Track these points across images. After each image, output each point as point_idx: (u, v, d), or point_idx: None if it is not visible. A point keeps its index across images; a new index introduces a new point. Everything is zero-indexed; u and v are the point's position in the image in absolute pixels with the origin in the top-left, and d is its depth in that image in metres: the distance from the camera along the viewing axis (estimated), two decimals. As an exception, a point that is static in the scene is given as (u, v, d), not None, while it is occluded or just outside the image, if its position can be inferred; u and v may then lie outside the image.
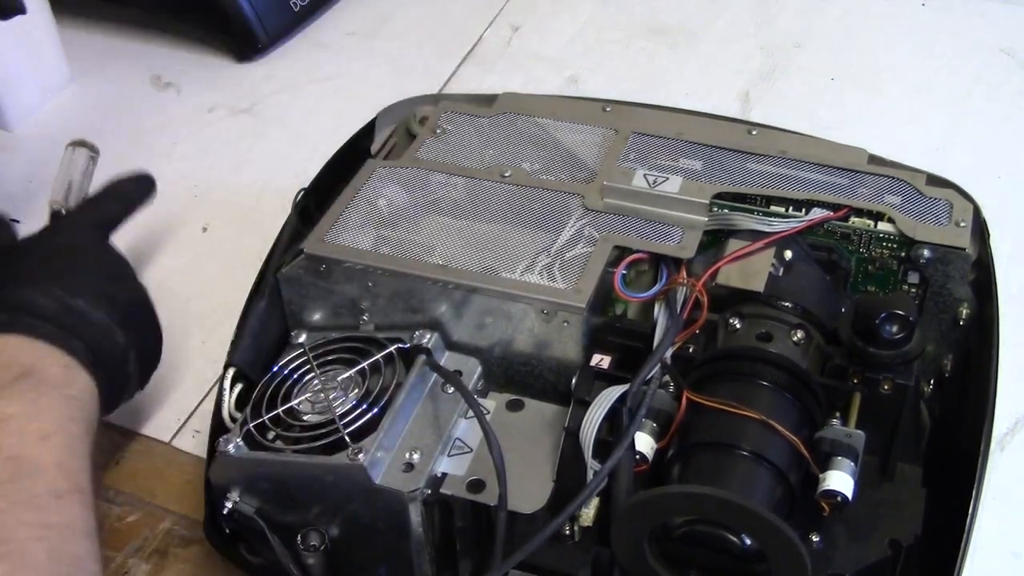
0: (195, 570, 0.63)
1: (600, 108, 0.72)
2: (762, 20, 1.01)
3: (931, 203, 0.62)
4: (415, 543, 0.55)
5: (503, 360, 0.61)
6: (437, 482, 0.55)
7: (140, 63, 1.02)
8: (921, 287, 0.62)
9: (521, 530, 0.53)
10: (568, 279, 0.59)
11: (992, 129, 0.88)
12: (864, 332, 0.55)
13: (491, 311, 0.60)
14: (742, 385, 0.55)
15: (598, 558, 0.54)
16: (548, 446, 0.57)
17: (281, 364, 0.61)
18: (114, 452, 0.70)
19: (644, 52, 0.98)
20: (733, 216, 0.62)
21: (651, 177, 0.65)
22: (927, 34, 0.98)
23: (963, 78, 0.93)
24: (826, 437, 0.53)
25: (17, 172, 0.92)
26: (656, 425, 0.55)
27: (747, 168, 0.65)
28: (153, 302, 0.65)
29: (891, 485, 0.57)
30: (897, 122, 0.89)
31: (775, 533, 0.48)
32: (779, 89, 0.93)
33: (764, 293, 0.58)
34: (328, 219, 0.64)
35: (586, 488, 0.52)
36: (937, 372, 0.62)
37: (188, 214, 0.86)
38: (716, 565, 0.50)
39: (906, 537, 0.54)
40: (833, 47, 0.97)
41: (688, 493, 0.50)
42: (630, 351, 0.58)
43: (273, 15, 1.01)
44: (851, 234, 0.62)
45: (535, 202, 0.65)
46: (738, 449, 0.52)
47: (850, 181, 0.64)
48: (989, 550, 0.60)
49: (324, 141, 0.78)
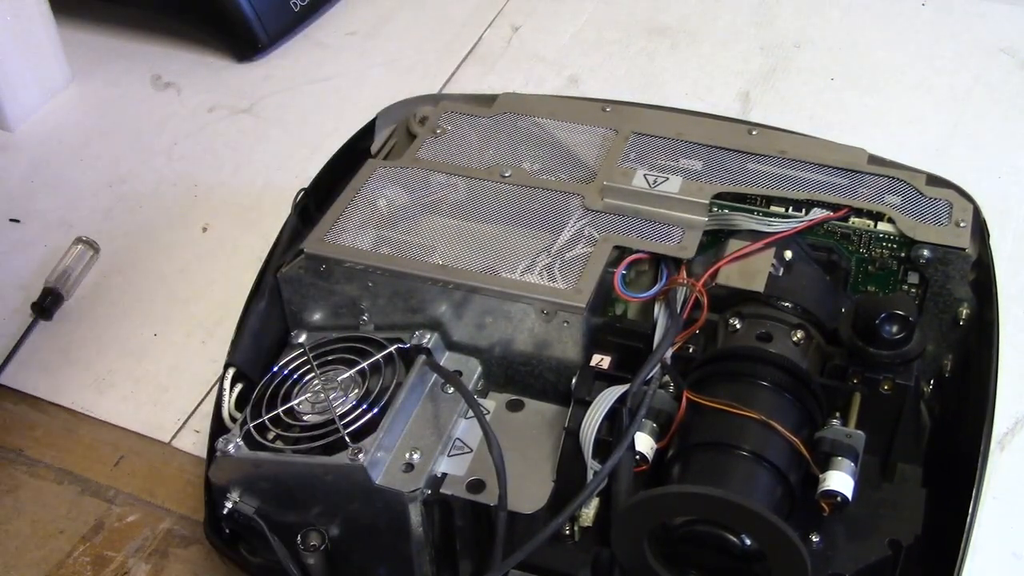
0: (195, 570, 0.63)
1: (600, 108, 0.71)
2: (762, 20, 1.01)
3: (931, 203, 0.62)
4: (415, 543, 0.55)
5: (503, 360, 0.61)
6: (437, 482, 0.55)
7: (140, 63, 1.02)
8: (921, 287, 0.62)
9: (521, 530, 0.53)
10: (568, 279, 0.59)
11: (992, 129, 0.88)
12: (864, 332, 0.55)
13: (491, 311, 0.60)
14: (742, 385, 0.55)
15: (598, 558, 0.54)
16: (548, 446, 0.57)
17: (281, 364, 0.61)
18: (114, 452, 0.70)
19: (644, 52, 0.98)
20: (733, 216, 0.62)
21: (651, 177, 0.65)
22: (927, 34, 0.98)
23: (963, 78, 0.93)
24: (826, 437, 0.53)
25: (17, 172, 0.92)
26: (656, 425, 0.55)
27: (747, 168, 0.65)
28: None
29: (891, 485, 0.57)
30: (897, 122, 0.89)
31: (775, 533, 0.48)
32: (779, 89, 0.93)
33: (764, 293, 0.58)
34: (328, 219, 0.64)
35: (586, 488, 0.52)
36: (937, 372, 0.62)
37: (188, 214, 0.86)
38: (716, 565, 0.50)
39: (906, 537, 0.54)
40: (833, 47, 0.97)
41: (688, 493, 0.50)
42: (630, 351, 0.58)
43: (273, 15, 1.01)
44: (851, 234, 0.62)
45: (535, 202, 0.65)
46: (738, 449, 0.52)
47: (850, 181, 0.64)
48: (989, 550, 0.60)
49: (324, 141, 0.78)
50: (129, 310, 0.80)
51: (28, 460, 0.71)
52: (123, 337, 0.78)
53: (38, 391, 0.75)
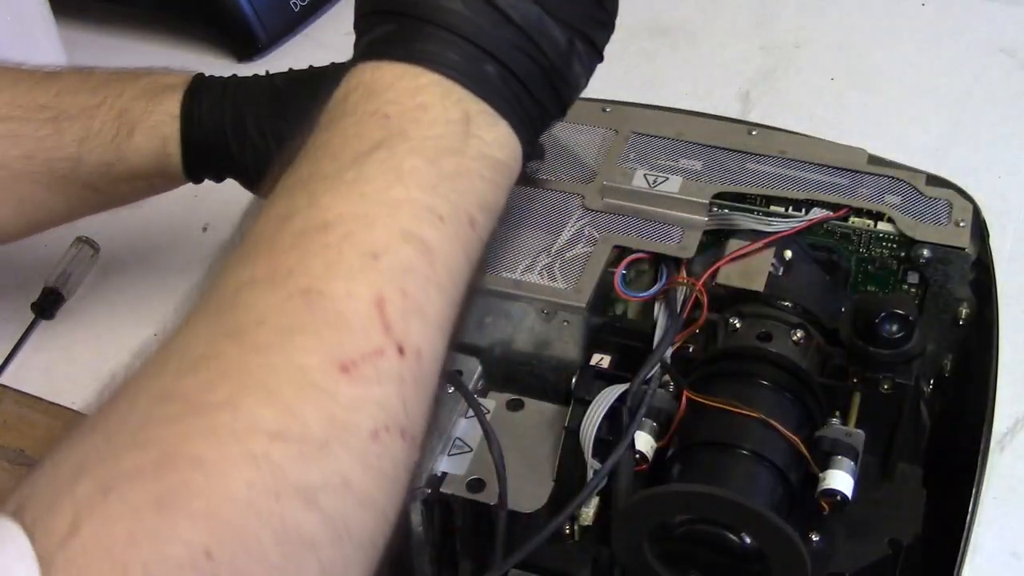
0: (195, 570, 0.63)
1: (600, 108, 0.71)
2: (762, 20, 1.01)
3: (931, 203, 0.62)
4: (415, 543, 0.55)
5: (503, 360, 0.61)
6: (437, 481, 0.55)
7: (140, 63, 1.01)
8: (921, 287, 0.62)
9: (521, 529, 0.53)
10: (568, 279, 0.59)
11: (992, 129, 0.88)
12: (864, 332, 0.55)
13: (491, 310, 0.60)
14: (742, 384, 0.55)
15: (598, 557, 0.54)
16: (548, 446, 0.57)
17: (281, 364, 0.61)
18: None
19: (644, 52, 0.98)
20: (733, 216, 0.62)
21: (651, 177, 0.65)
22: (927, 34, 0.98)
23: (963, 78, 0.93)
24: (826, 436, 0.53)
25: (17, 172, 0.92)
26: (656, 424, 0.55)
27: (747, 168, 0.65)
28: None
29: (891, 485, 0.57)
30: (897, 122, 0.89)
31: (775, 532, 0.48)
32: (779, 89, 0.93)
33: (764, 293, 0.58)
34: (328, 219, 0.64)
35: (586, 487, 0.52)
36: (937, 372, 0.62)
37: (188, 214, 0.86)
38: (716, 564, 0.50)
39: (906, 537, 0.54)
40: (833, 47, 0.97)
41: (688, 492, 0.50)
42: (630, 351, 0.58)
43: (273, 15, 1.01)
44: (851, 234, 0.62)
45: (535, 202, 0.65)
46: (738, 448, 0.52)
47: (850, 181, 0.64)
48: (989, 550, 0.60)
49: (324, 141, 0.78)
50: (129, 310, 0.79)
51: (28, 460, 0.71)
52: (123, 337, 0.78)
53: (38, 391, 0.75)
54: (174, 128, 0.65)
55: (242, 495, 0.34)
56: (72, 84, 0.65)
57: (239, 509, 0.34)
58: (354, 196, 0.40)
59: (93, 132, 0.63)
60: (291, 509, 0.35)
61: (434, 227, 0.41)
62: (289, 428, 0.36)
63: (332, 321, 0.38)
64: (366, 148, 0.41)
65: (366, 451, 0.37)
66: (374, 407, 0.37)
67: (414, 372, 0.39)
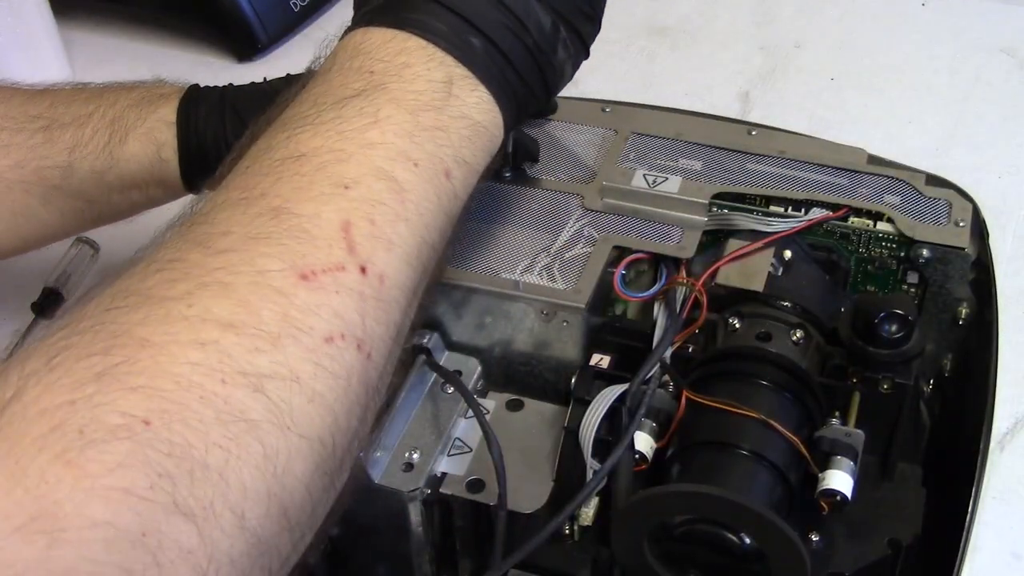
0: (194, 570, 0.63)
1: (600, 108, 0.71)
2: (762, 20, 1.01)
3: (930, 203, 0.62)
4: (415, 543, 0.55)
5: (503, 360, 0.61)
6: (437, 482, 0.55)
7: (140, 63, 1.02)
8: (921, 287, 0.62)
9: (521, 529, 0.53)
10: (568, 279, 0.59)
11: (992, 129, 0.88)
12: (864, 332, 0.55)
13: (491, 311, 0.60)
14: (742, 384, 0.55)
15: (598, 558, 0.54)
16: (548, 446, 0.57)
17: (281, 364, 0.61)
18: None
19: (644, 52, 0.98)
20: (733, 216, 0.62)
21: (651, 177, 0.65)
22: (927, 34, 0.98)
23: (963, 78, 0.93)
24: (825, 436, 0.53)
25: (17, 172, 0.92)
26: (655, 424, 0.55)
27: (747, 168, 0.65)
28: None
29: (891, 485, 0.57)
30: (897, 122, 0.89)
31: (774, 532, 0.48)
32: (779, 89, 0.93)
33: (764, 293, 0.58)
34: (328, 219, 0.64)
35: (586, 487, 0.52)
36: (937, 372, 0.62)
37: (188, 214, 0.86)
38: (716, 564, 0.50)
39: (906, 537, 0.54)
40: (833, 47, 0.97)
41: (688, 492, 0.50)
42: (630, 351, 0.58)
43: (273, 15, 1.01)
44: (850, 234, 0.62)
45: (535, 202, 0.65)
46: (737, 448, 0.52)
47: (849, 181, 0.64)
48: (989, 550, 0.60)
49: (324, 141, 0.78)
50: (129, 310, 0.79)
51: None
52: (123, 337, 0.78)
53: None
54: (169, 135, 0.65)
55: (184, 374, 0.35)
56: (65, 96, 0.66)
57: (181, 386, 0.35)
58: (332, 133, 0.43)
59: (85, 140, 0.64)
60: (236, 392, 0.36)
61: (408, 170, 0.43)
62: (242, 320, 0.37)
63: (297, 235, 0.39)
64: (348, 95, 0.44)
65: (318, 351, 0.38)
66: (330, 313, 0.39)
67: (376, 291, 0.40)
